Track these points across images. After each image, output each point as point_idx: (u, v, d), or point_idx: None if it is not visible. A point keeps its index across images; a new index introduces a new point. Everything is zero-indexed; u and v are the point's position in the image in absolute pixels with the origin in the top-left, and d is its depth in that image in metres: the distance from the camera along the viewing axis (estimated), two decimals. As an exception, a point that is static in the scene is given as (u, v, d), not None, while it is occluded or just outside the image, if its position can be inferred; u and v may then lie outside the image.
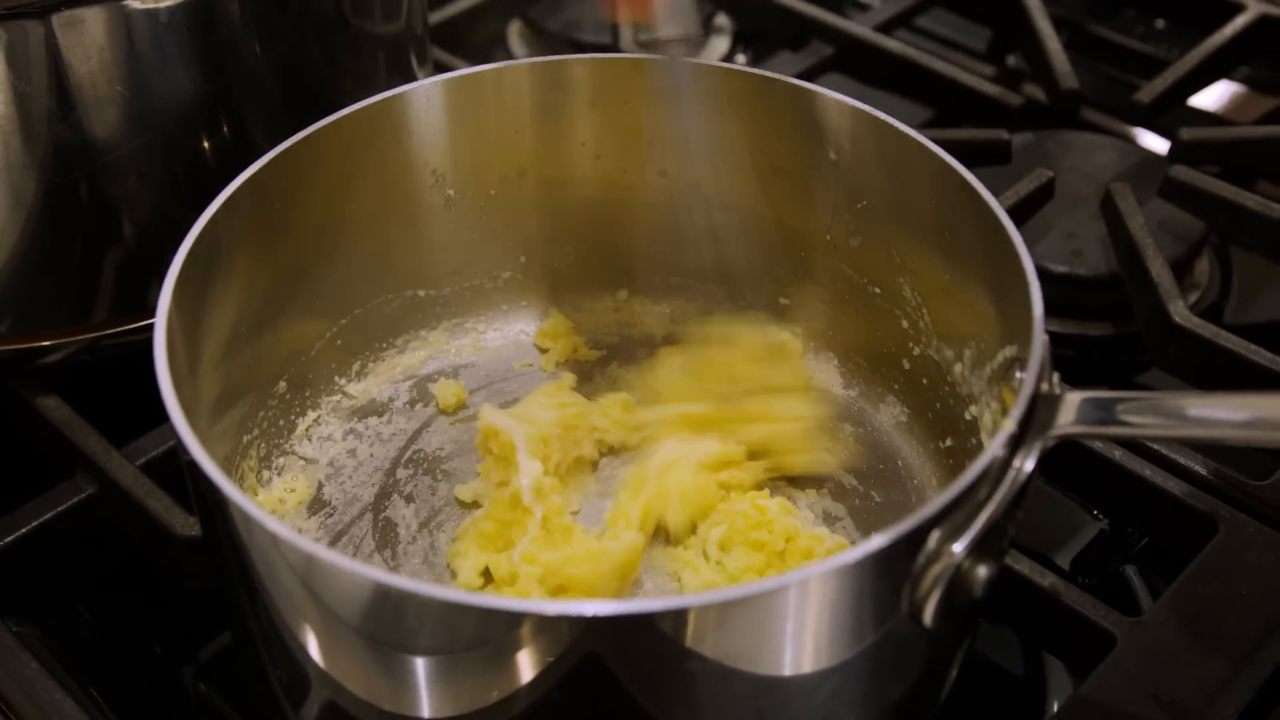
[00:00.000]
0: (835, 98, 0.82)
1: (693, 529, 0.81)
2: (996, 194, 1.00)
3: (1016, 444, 0.62)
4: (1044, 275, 0.90)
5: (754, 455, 0.84)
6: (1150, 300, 0.95)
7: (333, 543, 0.82)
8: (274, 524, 0.58)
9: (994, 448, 0.60)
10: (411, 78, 1.00)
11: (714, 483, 0.82)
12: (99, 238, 0.86)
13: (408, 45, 1.00)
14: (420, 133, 0.86)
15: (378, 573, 0.56)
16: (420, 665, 0.60)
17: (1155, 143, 1.20)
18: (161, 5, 0.80)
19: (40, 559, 0.85)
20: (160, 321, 0.67)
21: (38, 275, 0.86)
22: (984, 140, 1.08)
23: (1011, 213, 0.99)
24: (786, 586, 0.57)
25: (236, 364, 0.80)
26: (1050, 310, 1.01)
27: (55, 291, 0.87)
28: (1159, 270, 0.95)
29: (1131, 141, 1.19)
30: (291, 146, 0.79)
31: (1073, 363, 1.03)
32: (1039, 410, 0.63)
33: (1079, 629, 0.76)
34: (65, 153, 0.81)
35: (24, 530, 0.82)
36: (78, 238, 0.85)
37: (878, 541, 0.57)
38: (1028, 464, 0.62)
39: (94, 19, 0.78)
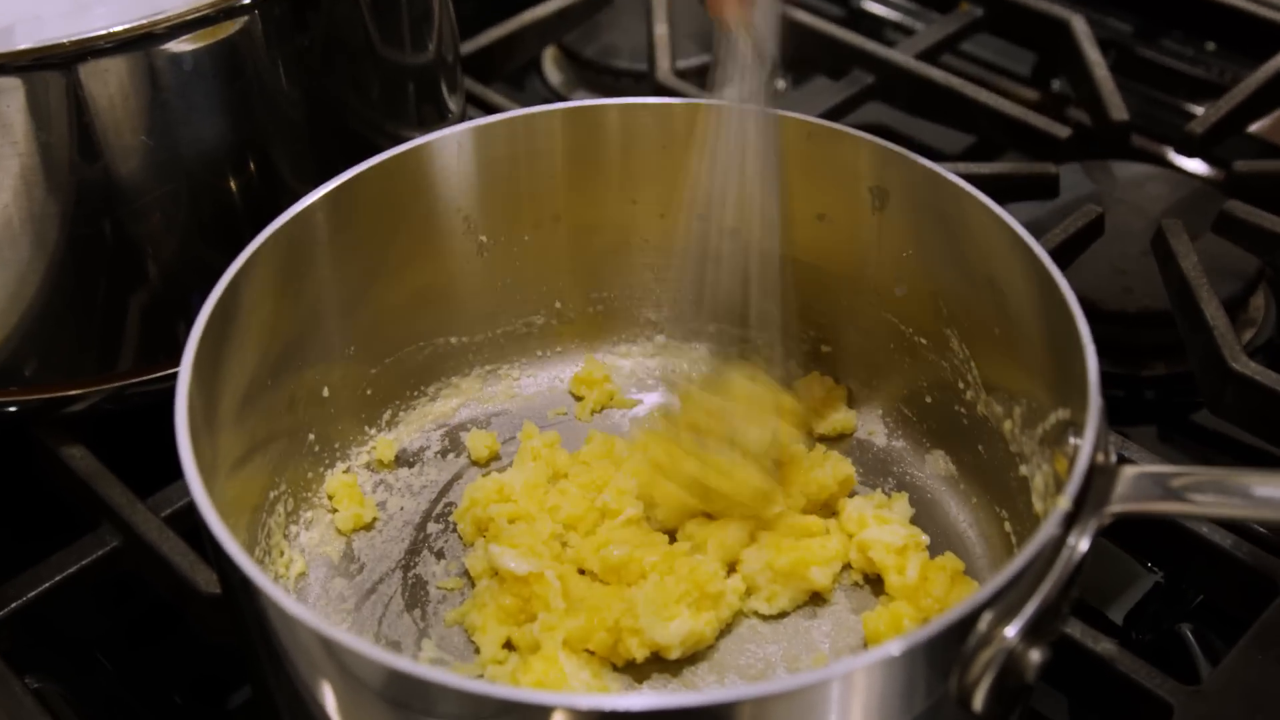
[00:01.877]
0: (880, 144, 0.80)
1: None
2: (1044, 230, 0.99)
3: (1071, 521, 0.59)
4: (1093, 313, 0.87)
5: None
6: (1205, 345, 0.91)
7: (361, 601, 0.80)
8: (293, 606, 0.56)
9: (1048, 527, 0.58)
10: (443, 108, 0.98)
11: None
12: (124, 284, 0.84)
13: (439, 75, 0.97)
14: (450, 179, 0.84)
15: (399, 660, 0.54)
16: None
17: (1207, 168, 1.16)
18: (186, 50, 0.78)
19: (64, 612, 0.84)
20: (181, 388, 0.66)
21: (62, 323, 0.84)
22: (1031, 174, 1.05)
23: (1059, 250, 0.97)
24: (829, 680, 0.54)
25: (260, 415, 0.78)
26: (1100, 349, 0.99)
27: (80, 339, 0.85)
28: (1214, 313, 0.92)
29: (1182, 171, 1.15)
30: (319, 199, 0.77)
31: (1124, 403, 1.00)
32: (1094, 484, 0.60)
33: (1134, 697, 0.73)
34: (89, 200, 0.80)
35: (47, 585, 0.81)
36: (102, 285, 0.84)
37: (927, 630, 0.55)
38: (1083, 543, 0.59)
39: (118, 68, 0.76)
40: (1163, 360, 1.00)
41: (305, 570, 0.81)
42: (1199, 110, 1.22)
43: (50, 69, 0.75)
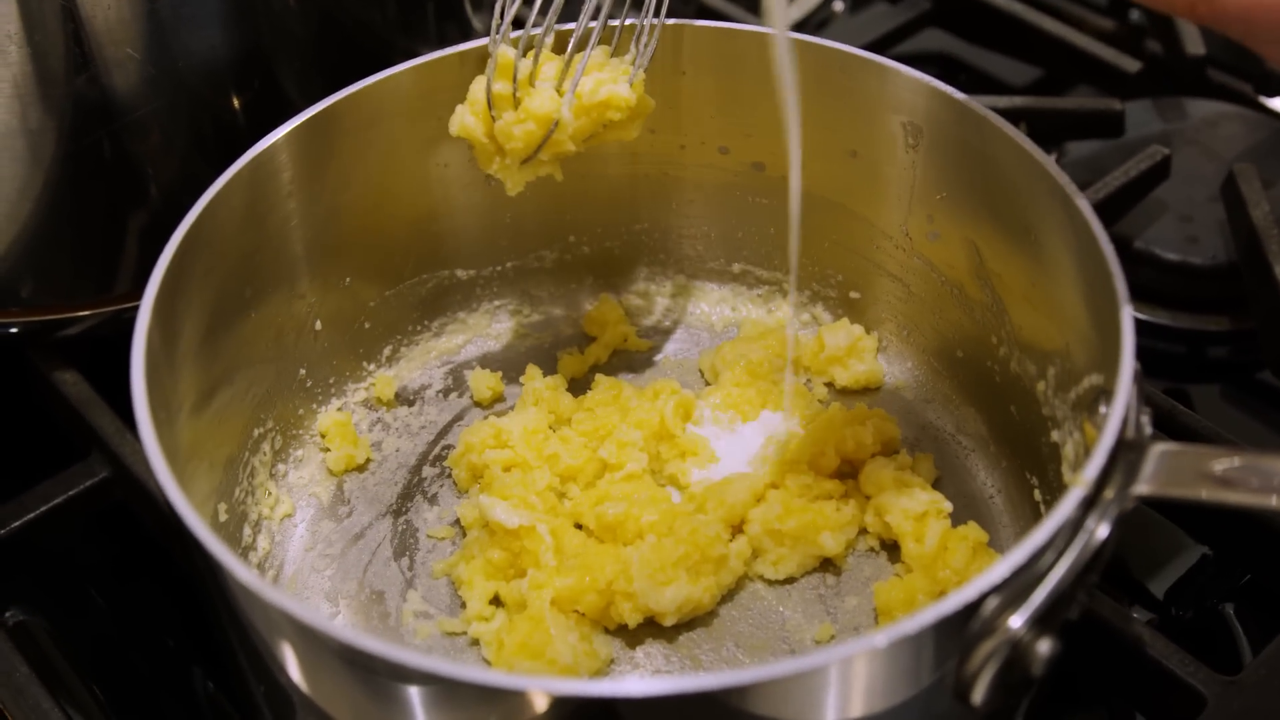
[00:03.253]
0: (915, 76, 0.73)
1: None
2: (1106, 170, 0.92)
3: (1091, 503, 0.53)
4: (1155, 263, 0.81)
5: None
6: (1270, 300, 0.85)
7: (348, 547, 0.76)
8: (257, 584, 0.53)
9: (1063, 509, 0.52)
10: (466, 27, 0.93)
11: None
12: (122, 203, 0.81)
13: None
14: (453, 102, 0.78)
15: (373, 643, 0.50)
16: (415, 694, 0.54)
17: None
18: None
19: (53, 543, 0.81)
20: (141, 325, 0.62)
21: (59, 243, 0.81)
22: (1094, 110, 0.98)
23: (1119, 194, 0.90)
24: (827, 665, 0.50)
25: (239, 348, 0.74)
26: (1161, 301, 0.94)
27: (77, 260, 0.83)
28: (1283, 267, 0.85)
29: (1262, 109, 1.07)
30: (296, 127, 0.73)
31: (1184, 360, 0.93)
32: (1119, 462, 0.54)
33: (1165, 686, 0.68)
34: (84, 114, 0.76)
35: (33, 514, 0.78)
36: (100, 203, 0.80)
37: (923, 618, 0.49)
38: (1103, 528, 0.53)
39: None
40: (1228, 315, 0.93)
41: (291, 511, 0.77)
42: (1286, 45, 1.13)
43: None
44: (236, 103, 0.81)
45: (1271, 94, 1.08)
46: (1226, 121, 1.03)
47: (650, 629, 0.71)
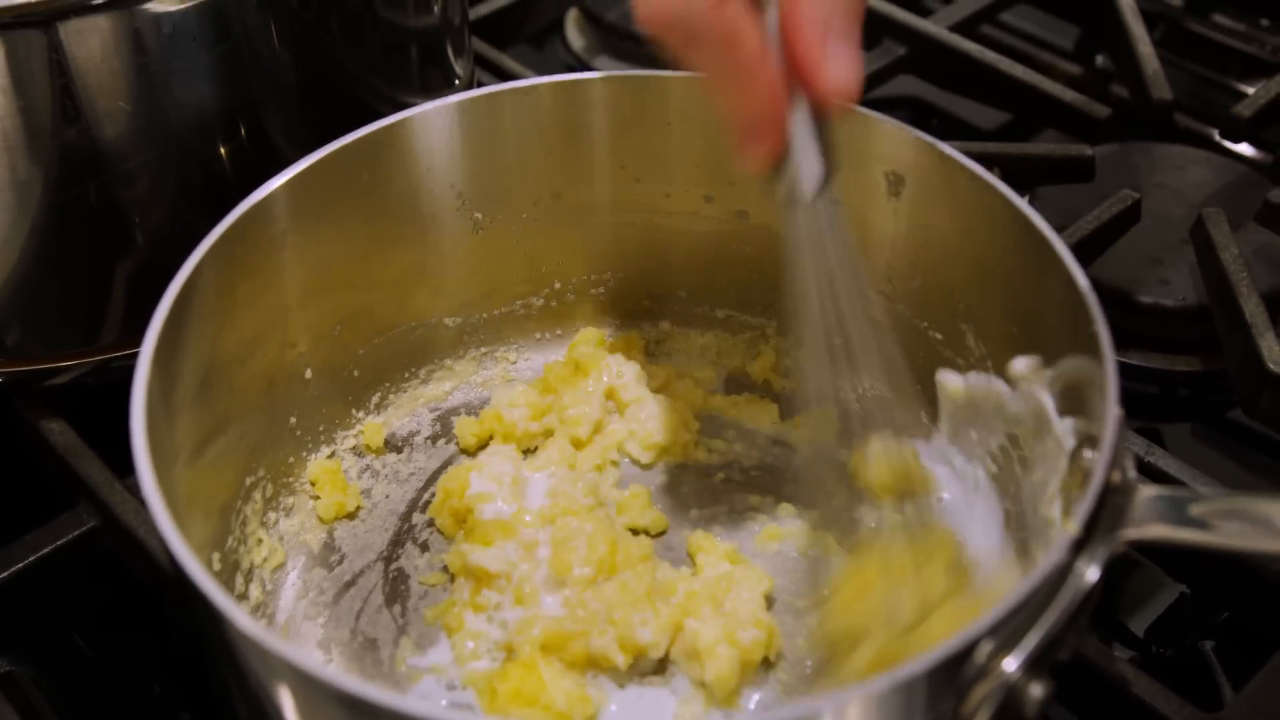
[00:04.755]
0: (897, 127, 0.75)
1: None
2: (1078, 214, 0.93)
3: (1081, 547, 0.55)
4: (1127, 304, 0.82)
5: None
6: (1243, 343, 0.86)
7: (340, 594, 0.76)
8: (260, 634, 0.53)
9: (1054, 553, 0.53)
10: (449, 73, 0.94)
11: None
12: (109, 253, 0.81)
13: (444, 37, 0.93)
14: (442, 154, 0.80)
15: (376, 691, 0.51)
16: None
17: (1255, 152, 1.10)
18: (171, 9, 0.74)
19: (40, 592, 0.81)
20: (140, 376, 0.63)
21: (45, 292, 0.81)
22: (1066, 156, 1.00)
23: (1092, 237, 0.92)
24: (820, 713, 0.51)
25: (233, 398, 0.74)
26: (1134, 343, 0.95)
27: (63, 310, 0.83)
28: (1253, 309, 0.87)
29: (1228, 153, 1.10)
30: (291, 179, 0.74)
31: (1157, 400, 0.95)
32: (1107, 505, 0.56)
33: (1149, 723, 0.69)
34: (72, 165, 0.76)
35: (21, 565, 0.78)
36: (87, 253, 0.81)
37: (919, 664, 0.50)
38: (1092, 571, 0.55)
39: (101, 28, 0.73)
40: (1198, 355, 0.95)
41: (284, 560, 0.77)
42: (1250, 90, 1.16)
43: (29, 27, 0.72)
44: (225, 153, 0.81)
45: (1237, 139, 1.10)
46: (1194, 166, 1.05)
47: (641, 670, 0.72)
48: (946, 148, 0.73)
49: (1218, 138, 1.11)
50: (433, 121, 0.78)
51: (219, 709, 0.80)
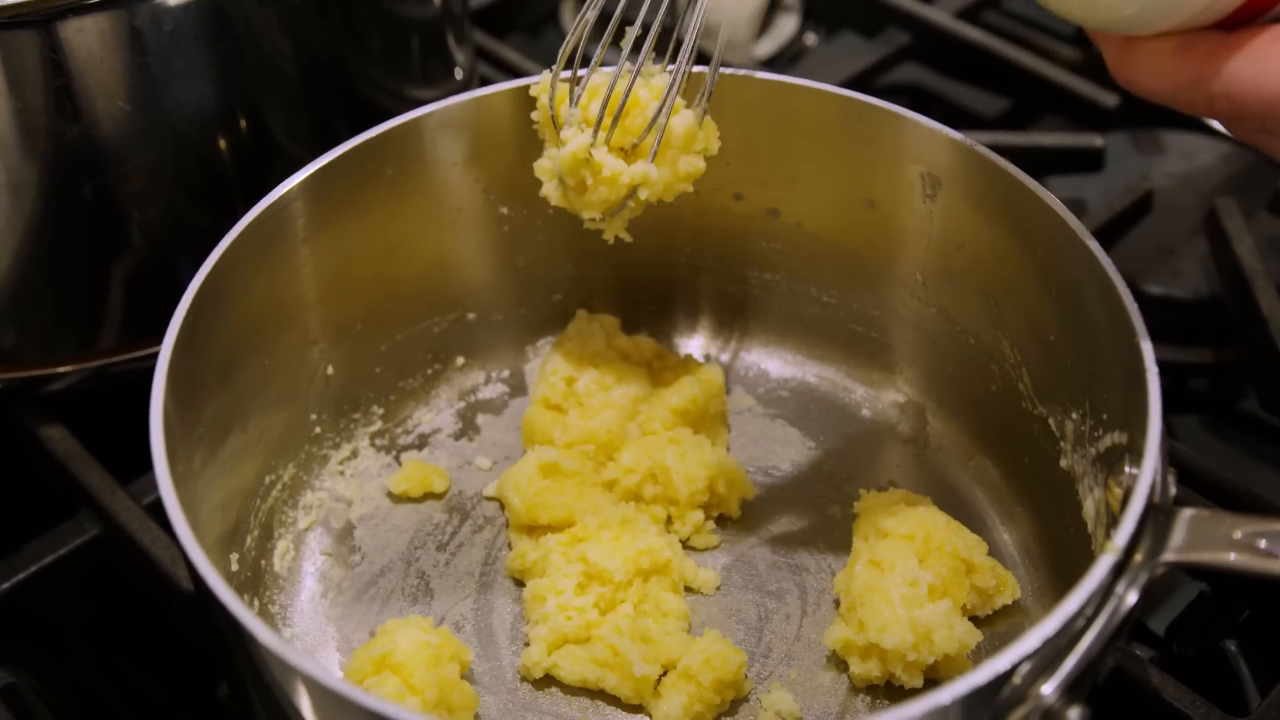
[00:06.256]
0: (933, 127, 0.73)
1: None
2: (1089, 205, 0.92)
3: (1120, 570, 0.54)
4: (1138, 296, 0.81)
5: None
6: (1259, 337, 0.85)
7: (360, 594, 0.75)
8: (283, 649, 0.53)
9: (1095, 576, 0.52)
10: (450, 64, 0.93)
11: None
12: (107, 255, 0.80)
13: (444, 28, 0.92)
14: (467, 148, 0.78)
15: (393, 708, 0.50)
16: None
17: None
18: (169, 6, 0.73)
19: (41, 601, 0.79)
20: (158, 390, 0.61)
21: (41, 296, 0.80)
22: (1076, 146, 0.99)
23: (1104, 229, 0.91)
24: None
25: (252, 397, 0.73)
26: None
27: (60, 314, 0.81)
28: (1270, 303, 0.86)
29: (1237, 141, 1.08)
30: (322, 168, 0.73)
31: (1167, 391, 0.93)
32: (1149, 525, 0.55)
33: (1175, 728, 0.68)
34: (69, 166, 0.75)
35: (22, 576, 0.76)
36: (84, 255, 0.79)
37: (956, 689, 0.49)
38: (1131, 594, 0.53)
39: (100, 26, 0.72)
40: (1210, 347, 0.94)
41: (303, 560, 0.76)
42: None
43: (26, 27, 0.70)
44: (226, 152, 0.80)
45: (1247, 126, 1.09)
46: (1203, 154, 1.04)
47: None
48: (985, 149, 0.71)
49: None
50: (459, 116, 0.77)
51: (223, 717, 0.79)
